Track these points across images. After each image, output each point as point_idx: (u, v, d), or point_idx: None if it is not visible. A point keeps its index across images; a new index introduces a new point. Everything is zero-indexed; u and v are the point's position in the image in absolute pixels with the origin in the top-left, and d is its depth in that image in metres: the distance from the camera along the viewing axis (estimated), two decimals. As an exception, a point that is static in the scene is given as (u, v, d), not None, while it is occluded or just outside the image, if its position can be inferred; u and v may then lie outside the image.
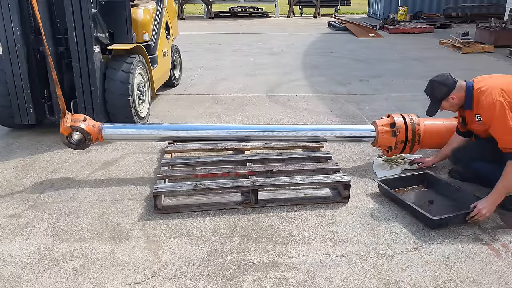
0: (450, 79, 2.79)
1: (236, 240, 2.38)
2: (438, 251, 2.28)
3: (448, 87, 2.76)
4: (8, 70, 3.59)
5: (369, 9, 16.90)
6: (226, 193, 2.79)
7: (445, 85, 2.77)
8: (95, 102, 3.67)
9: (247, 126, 3.83)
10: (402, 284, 2.04)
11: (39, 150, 3.63)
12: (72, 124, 2.98)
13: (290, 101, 5.11)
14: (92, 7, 3.55)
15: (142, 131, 3.29)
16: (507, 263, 2.19)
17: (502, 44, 8.40)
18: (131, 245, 2.33)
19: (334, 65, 7.34)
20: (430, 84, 2.86)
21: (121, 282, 2.05)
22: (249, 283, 2.04)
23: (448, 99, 2.78)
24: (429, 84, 2.88)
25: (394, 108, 4.80)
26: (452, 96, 2.76)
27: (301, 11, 17.33)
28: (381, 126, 3.18)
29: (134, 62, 3.84)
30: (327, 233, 2.45)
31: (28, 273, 2.11)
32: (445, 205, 2.73)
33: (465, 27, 11.39)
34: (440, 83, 2.79)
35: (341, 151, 3.60)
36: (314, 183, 2.82)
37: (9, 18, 3.46)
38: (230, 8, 17.15)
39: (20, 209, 2.71)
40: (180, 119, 4.45)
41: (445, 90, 2.77)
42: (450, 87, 2.76)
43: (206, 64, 7.37)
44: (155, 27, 4.84)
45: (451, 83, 2.77)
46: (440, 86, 2.79)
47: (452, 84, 2.76)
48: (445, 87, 2.77)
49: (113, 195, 2.88)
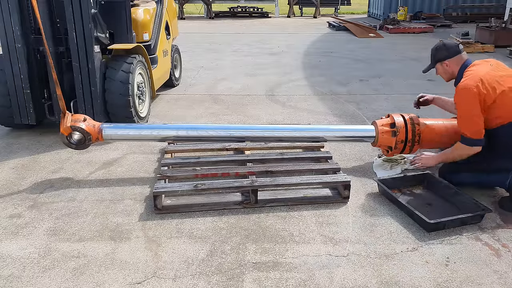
0: (455, 48, 2.85)
1: (236, 240, 2.38)
2: (438, 251, 2.28)
3: (448, 52, 2.84)
4: (8, 70, 3.59)
5: (369, 9, 16.91)
6: (226, 193, 2.79)
7: (447, 49, 2.85)
8: (95, 102, 3.67)
9: (247, 126, 3.82)
10: (402, 284, 2.04)
11: (39, 150, 3.63)
12: (72, 124, 2.98)
13: (290, 101, 5.11)
14: (92, 7, 3.55)
15: (142, 131, 3.29)
16: (507, 263, 2.19)
17: (502, 44, 8.41)
18: (131, 245, 2.33)
19: (334, 65, 7.34)
20: (437, 44, 2.94)
21: (121, 282, 2.05)
22: (249, 283, 2.04)
23: (443, 64, 2.87)
24: (437, 43, 2.95)
25: (394, 108, 4.80)
26: (446, 63, 2.85)
27: (301, 11, 17.34)
28: (381, 126, 3.18)
29: (134, 62, 3.84)
30: (327, 233, 2.45)
31: (28, 273, 2.11)
32: (443, 207, 2.71)
33: (465, 27, 11.41)
34: (444, 46, 2.87)
35: (341, 151, 3.60)
36: (314, 183, 2.82)
37: (9, 18, 3.46)
38: (230, 8, 17.15)
39: (20, 209, 2.71)
40: (180, 119, 4.45)
41: (444, 53, 2.85)
42: (450, 53, 2.83)
43: (206, 64, 7.37)
44: (155, 27, 4.84)
45: (453, 51, 2.83)
46: (443, 48, 2.86)
47: (454, 53, 2.83)
48: (446, 51, 2.85)
49: (113, 195, 2.88)
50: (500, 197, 2.77)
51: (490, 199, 2.82)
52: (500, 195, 2.82)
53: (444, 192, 2.82)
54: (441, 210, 2.68)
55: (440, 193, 2.84)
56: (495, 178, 2.78)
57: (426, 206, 2.73)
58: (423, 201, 2.79)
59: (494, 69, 2.72)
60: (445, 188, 2.83)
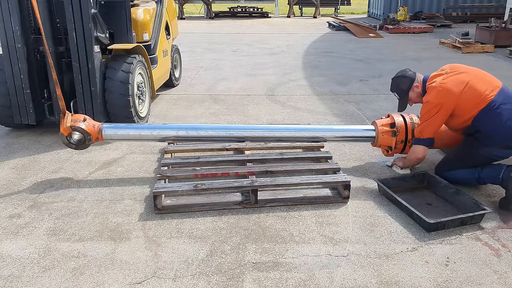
0: (408, 71, 3.11)
1: (236, 240, 2.38)
2: (438, 251, 2.28)
3: (409, 77, 3.07)
4: (8, 70, 3.59)
5: (369, 9, 16.91)
6: (226, 193, 2.79)
7: (406, 76, 3.08)
8: (95, 102, 3.67)
9: (247, 126, 3.83)
10: (402, 284, 2.04)
11: (39, 150, 3.63)
12: (72, 124, 2.98)
13: (290, 101, 5.11)
14: (92, 7, 3.55)
15: (142, 131, 3.29)
16: (507, 263, 2.19)
17: (502, 44, 8.40)
18: (131, 245, 2.33)
19: (334, 65, 7.34)
20: (393, 81, 3.17)
21: (121, 282, 2.05)
22: (249, 283, 2.04)
23: (413, 88, 3.05)
24: (392, 82, 3.18)
25: (394, 108, 4.77)
26: (416, 84, 3.04)
27: (301, 11, 17.34)
28: (381, 126, 3.18)
29: (134, 62, 3.84)
30: (327, 233, 2.45)
31: (28, 273, 2.11)
32: (443, 207, 2.72)
33: (465, 27, 11.42)
34: (402, 77, 3.10)
35: (341, 151, 3.60)
36: (314, 183, 2.81)
37: (9, 18, 3.46)
38: (230, 8, 17.15)
39: (20, 209, 2.71)
40: (180, 119, 4.45)
41: (408, 80, 3.06)
42: (411, 77, 3.06)
43: (206, 64, 7.38)
44: (155, 27, 4.84)
45: (411, 74, 3.08)
46: (403, 79, 3.09)
47: (412, 75, 3.08)
48: (407, 78, 3.07)
49: (113, 195, 2.88)
50: (500, 198, 2.77)
51: (490, 199, 2.82)
52: (500, 195, 2.82)
53: (444, 192, 2.82)
54: (441, 210, 2.68)
55: (440, 193, 2.85)
56: (489, 174, 2.80)
57: (426, 206, 2.74)
58: (423, 201, 2.79)
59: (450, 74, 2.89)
60: (445, 188, 2.83)
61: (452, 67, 2.97)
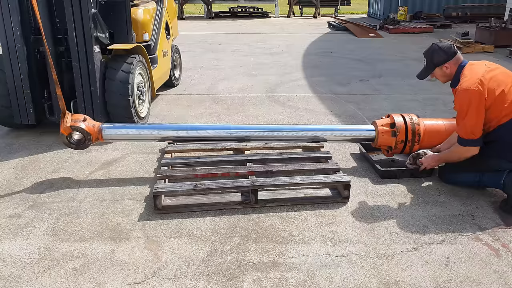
0: (452, 49, 2.81)
1: (236, 240, 2.38)
2: (438, 251, 2.28)
3: (447, 55, 2.79)
4: (8, 70, 3.59)
5: (369, 9, 16.90)
6: (226, 193, 2.79)
7: (446, 52, 2.79)
8: (95, 102, 3.67)
9: (247, 126, 3.82)
10: (402, 284, 2.04)
11: (39, 150, 3.63)
12: (72, 124, 2.98)
13: (290, 101, 5.11)
14: (92, 7, 3.55)
15: (142, 131, 3.29)
16: (507, 263, 2.19)
17: (502, 44, 8.39)
18: (131, 245, 2.33)
19: (334, 65, 7.34)
20: (432, 48, 2.87)
21: (121, 282, 2.05)
22: (249, 283, 2.04)
23: (442, 67, 2.81)
24: (430, 47, 2.88)
25: (394, 108, 4.80)
26: (446, 65, 2.80)
27: (301, 11, 17.33)
28: (381, 126, 3.18)
29: (134, 62, 3.84)
30: (327, 233, 2.45)
31: (28, 273, 2.11)
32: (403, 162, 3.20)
33: (465, 27, 11.40)
34: (442, 49, 2.81)
35: (341, 151, 3.60)
36: (314, 183, 2.81)
37: (9, 18, 3.46)
38: (230, 8, 17.14)
39: (20, 209, 2.71)
40: (180, 119, 4.45)
41: (443, 57, 2.79)
42: (449, 56, 2.79)
43: (206, 64, 7.37)
44: (155, 27, 4.84)
45: (451, 52, 2.79)
46: (441, 51, 2.80)
47: (452, 54, 2.79)
48: (444, 54, 2.79)
49: (113, 195, 2.88)
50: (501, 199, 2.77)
51: (490, 199, 2.82)
52: (501, 195, 2.82)
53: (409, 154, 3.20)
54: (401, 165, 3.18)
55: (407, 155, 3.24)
56: (491, 179, 2.80)
57: (390, 162, 3.33)
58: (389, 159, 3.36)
59: (490, 70, 2.71)
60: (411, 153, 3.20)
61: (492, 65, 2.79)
